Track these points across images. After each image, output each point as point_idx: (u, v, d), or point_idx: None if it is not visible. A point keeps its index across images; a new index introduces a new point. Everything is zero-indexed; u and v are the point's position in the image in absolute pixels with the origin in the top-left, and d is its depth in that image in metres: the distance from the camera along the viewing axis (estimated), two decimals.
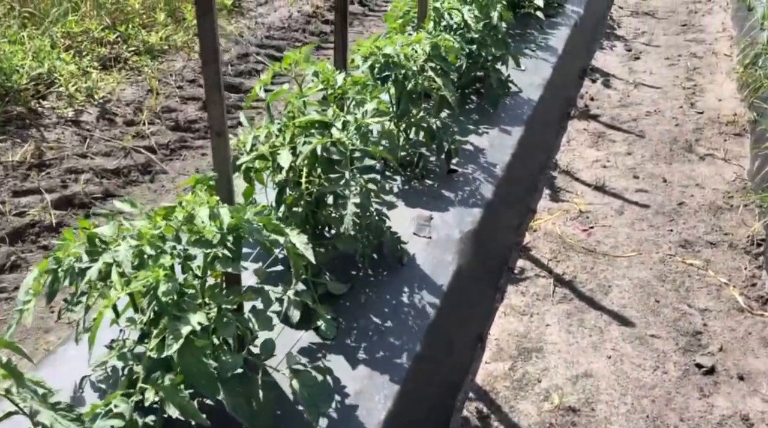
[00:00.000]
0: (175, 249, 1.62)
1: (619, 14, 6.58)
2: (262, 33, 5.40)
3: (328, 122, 2.22)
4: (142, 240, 1.55)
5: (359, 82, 2.31)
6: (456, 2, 3.67)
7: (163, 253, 1.53)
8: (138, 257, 1.56)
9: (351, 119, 2.22)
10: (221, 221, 1.64)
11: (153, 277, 1.48)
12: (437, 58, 3.01)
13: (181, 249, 1.63)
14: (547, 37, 4.93)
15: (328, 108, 2.27)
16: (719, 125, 4.39)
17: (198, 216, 1.62)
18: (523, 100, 4.06)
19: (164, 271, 1.50)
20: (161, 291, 1.45)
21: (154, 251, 1.52)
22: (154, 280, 1.48)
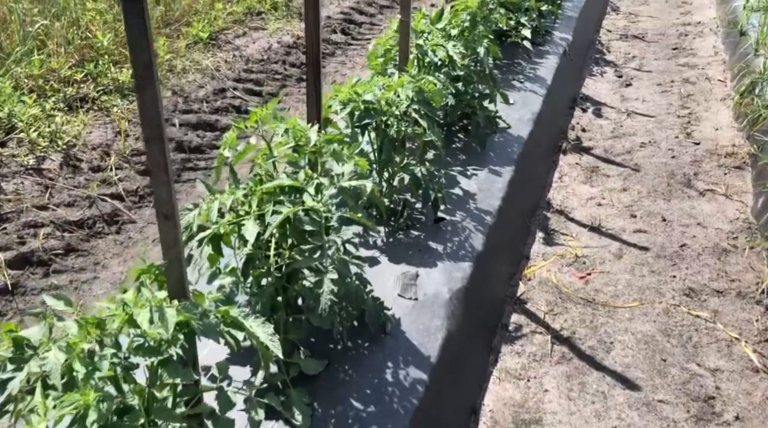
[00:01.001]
0: (115, 357, 1.38)
1: (608, 38, 6.43)
2: (240, 66, 5.19)
3: (300, 186, 1.99)
4: (71, 353, 1.32)
5: (334, 139, 2.10)
6: (440, 38, 3.48)
7: (96, 369, 1.29)
8: (68, 372, 1.32)
9: (326, 182, 2.00)
10: (167, 323, 1.40)
11: (82, 402, 1.25)
12: (421, 104, 2.80)
13: (121, 357, 1.39)
14: (536, 67, 4.75)
15: (300, 170, 2.04)
16: (718, 157, 4.20)
17: (139, 318, 1.38)
18: (512, 137, 3.86)
19: (96, 393, 1.26)
20: (90, 421, 1.21)
21: (84, 368, 1.29)
22: (83, 407, 1.24)
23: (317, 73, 2.30)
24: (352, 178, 2.00)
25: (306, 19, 2.23)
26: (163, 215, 1.57)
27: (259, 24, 5.90)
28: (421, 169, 2.87)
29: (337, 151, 2.07)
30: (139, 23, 1.45)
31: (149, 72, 1.47)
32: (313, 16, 2.20)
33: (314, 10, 2.19)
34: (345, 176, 2.00)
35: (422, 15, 3.55)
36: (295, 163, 2.10)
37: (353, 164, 2.02)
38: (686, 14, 6.96)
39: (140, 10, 1.43)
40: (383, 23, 6.75)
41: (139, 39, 1.45)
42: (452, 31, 3.59)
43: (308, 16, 2.21)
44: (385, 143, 2.76)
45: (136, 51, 1.46)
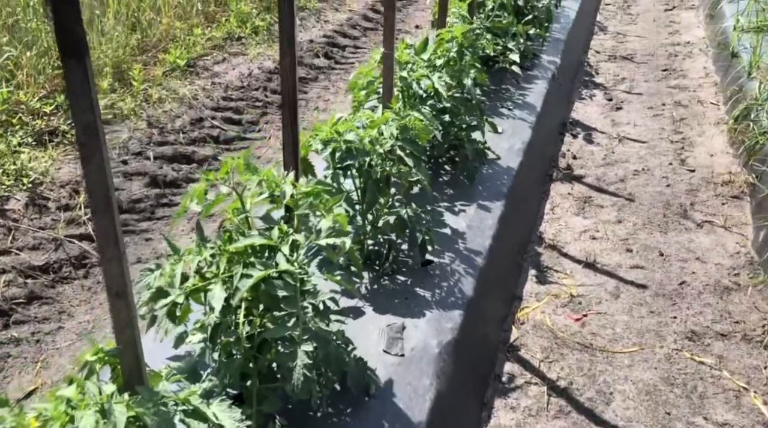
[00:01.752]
0: None
1: (597, 59, 6.32)
2: (218, 94, 5.02)
3: (274, 244, 1.81)
4: None
5: (311, 193, 1.92)
6: (425, 69, 3.32)
7: None
8: None
9: (302, 240, 1.82)
10: (116, 425, 1.21)
11: None
12: (406, 142, 2.64)
13: None
14: (525, 93, 4.61)
15: (274, 225, 1.86)
16: (714, 186, 4.07)
17: (82, 422, 1.19)
18: (502, 168, 3.70)
19: None
20: None
21: None
22: None
23: (294, 116, 2.13)
24: (329, 234, 1.82)
25: (282, 63, 2.06)
26: (114, 294, 1.39)
27: (239, 49, 5.74)
28: (407, 210, 2.70)
29: (314, 205, 1.89)
30: (81, 81, 1.28)
31: (94, 136, 1.29)
32: (289, 61, 2.04)
33: (290, 56, 2.02)
34: (322, 233, 1.83)
35: (405, 45, 3.40)
36: (269, 218, 1.92)
37: (331, 220, 1.84)
38: (674, 34, 6.88)
39: (84, 68, 1.26)
40: (367, 46, 6.61)
41: (81, 99, 1.28)
42: (437, 61, 3.44)
43: (284, 60, 2.04)
44: (369, 185, 2.59)
45: (78, 113, 1.29)
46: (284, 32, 2.01)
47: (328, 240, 1.80)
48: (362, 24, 7.06)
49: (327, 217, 1.84)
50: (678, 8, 7.73)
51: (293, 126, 2.14)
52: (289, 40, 2.01)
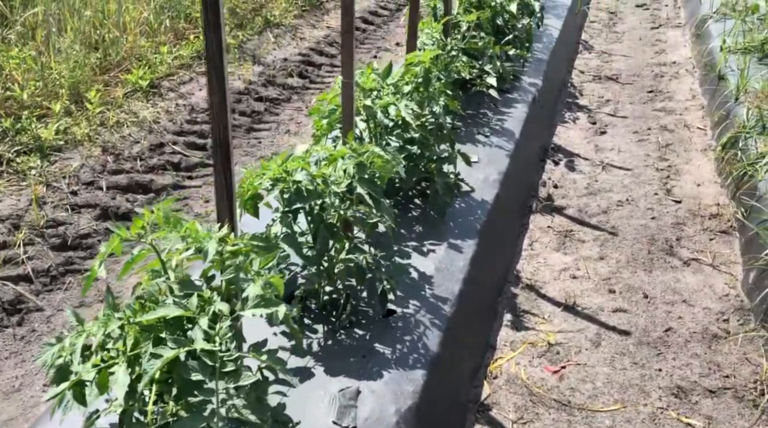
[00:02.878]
0: None
1: (581, 80, 6.12)
2: (183, 117, 4.76)
3: (192, 315, 1.55)
4: None
5: (240, 252, 1.67)
6: (392, 96, 3.08)
7: None
8: None
9: (225, 310, 1.56)
10: None
11: None
12: (364, 182, 2.39)
13: None
14: (503, 118, 4.38)
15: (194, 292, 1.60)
16: (702, 219, 3.84)
17: None
18: (476, 202, 3.46)
19: None
20: None
21: None
22: None
23: (227, 160, 1.88)
24: (258, 304, 1.56)
25: (211, 100, 1.81)
26: None
27: None
28: (366, 257, 2.45)
29: (241, 266, 1.63)
30: None
31: None
32: (219, 99, 1.79)
33: (220, 93, 1.77)
34: (249, 301, 1.57)
35: (371, 70, 3.16)
36: (187, 282, 1.65)
37: (260, 286, 1.58)
38: (661, 53, 6.70)
39: None
40: None
41: None
42: (405, 87, 3.20)
43: (212, 97, 1.80)
44: (321, 230, 2.34)
45: None
46: (212, 66, 1.77)
47: (255, 311, 1.55)
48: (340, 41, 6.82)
49: (256, 281, 1.58)
50: (664, 26, 7.56)
51: (227, 172, 1.89)
52: (218, 76, 1.76)
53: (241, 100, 5.19)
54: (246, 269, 1.64)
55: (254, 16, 6.59)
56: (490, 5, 4.64)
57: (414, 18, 3.43)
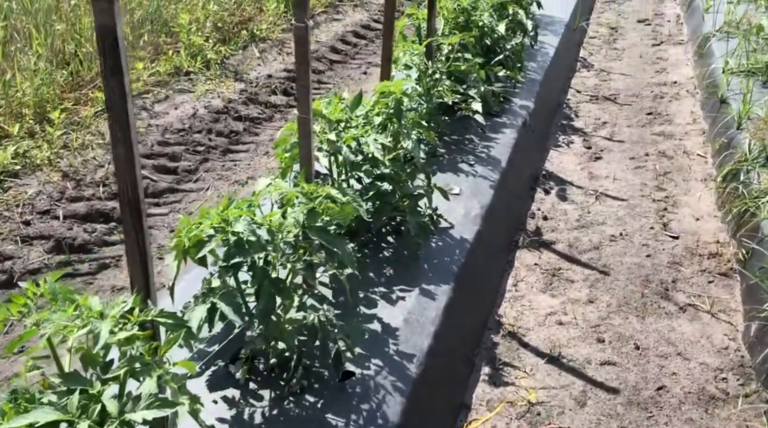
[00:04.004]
0: None
1: (577, 100, 5.86)
2: (154, 138, 4.52)
3: (71, 419, 1.29)
4: None
5: (134, 337, 1.41)
6: (361, 129, 2.83)
7: None
8: None
9: (114, 411, 1.30)
10: None
11: None
12: (316, 231, 2.14)
13: None
14: (490, 145, 4.12)
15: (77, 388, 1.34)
16: (700, 259, 3.57)
17: None
18: (454, 240, 3.20)
19: None
20: None
21: None
22: None
23: (139, 219, 1.63)
24: (152, 404, 1.30)
25: (114, 153, 1.56)
26: None
27: (185, 86, 5.26)
28: (319, 315, 2.19)
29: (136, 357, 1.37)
30: None
31: None
32: (124, 152, 1.54)
33: (125, 145, 1.52)
34: (141, 401, 1.31)
35: (338, 99, 2.91)
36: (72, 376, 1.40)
37: (155, 382, 1.32)
38: (661, 72, 6.44)
39: None
40: (332, 81, 6.14)
41: None
42: (376, 118, 2.95)
43: (116, 149, 1.54)
44: (265, 286, 2.08)
45: None
46: (115, 115, 1.51)
47: (146, 413, 1.28)
48: (329, 56, 6.60)
49: (152, 376, 1.32)
50: (666, 43, 7.30)
51: (139, 233, 1.63)
52: (122, 125, 1.51)
53: (218, 120, 4.95)
54: (146, 355, 1.38)
55: (240, 30, 6.36)
56: (477, 25, 4.39)
57: (388, 42, 3.18)
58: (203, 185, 4.27)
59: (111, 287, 3.28)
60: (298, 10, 2.27)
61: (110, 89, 1.49)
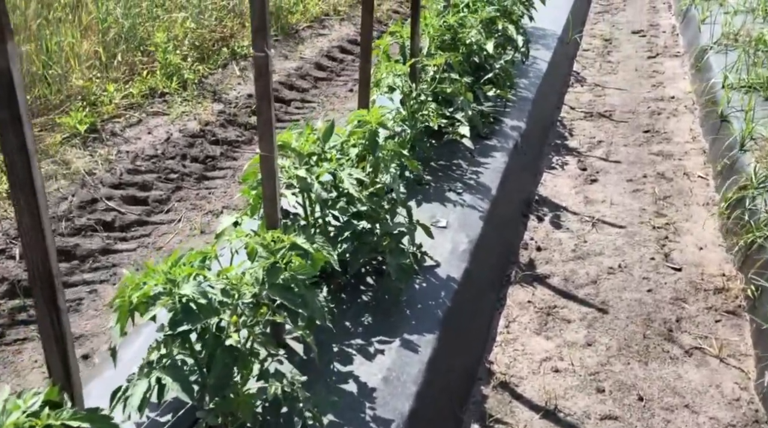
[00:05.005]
0: None
1: (571, 117, 5.63)
2: (123, 166, 4.26)
3: None
4: None
5: None
6: (334, 163, 2.58)
7: None
8: None
9: None
10: None
11: None
12: (277, 290, 1.88)
13: None
14: (479, 171, 3.88)
15: None
16: (705, 294, 3.33)
17: None
18: (440, 280, 2.94)
19: None
20: None
21: None
22: None
23: (51, 302, 1.37)
24: None
25: (18, 221, 1.31)
26: None
27: (160, 108, 5.00)
28: (281, 386, 1.93)
29: None
30: None
31: None
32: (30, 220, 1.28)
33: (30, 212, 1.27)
34: None
35: (310, 129, 2.66)
36: None
37: None
38: (658, 86, 6.21)
39: None
40: (317, 99, 5.90)
41: None
42: (352, 150, 2.71)
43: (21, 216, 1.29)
44: (219, 357, 1.82)
45: None
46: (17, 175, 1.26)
47: None
48: (313, 74, 6.36)
49: None
50: (662, 55, 7.09)
51: (55, 315, 1.38)
52: (25, 187, 1.26)
53: (194, 144, 4.70)
54: None
55: (220, 47, 6.12)
56: (465, 43, 4.16)
57: (365, 65, 2.94)
58: (175, 217, 4.01)
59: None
60: (257, 37, 2.02)
61: (8, 146, 1.24)
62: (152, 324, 2.40)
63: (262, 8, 1.97)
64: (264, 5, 1.97)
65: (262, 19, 1.99)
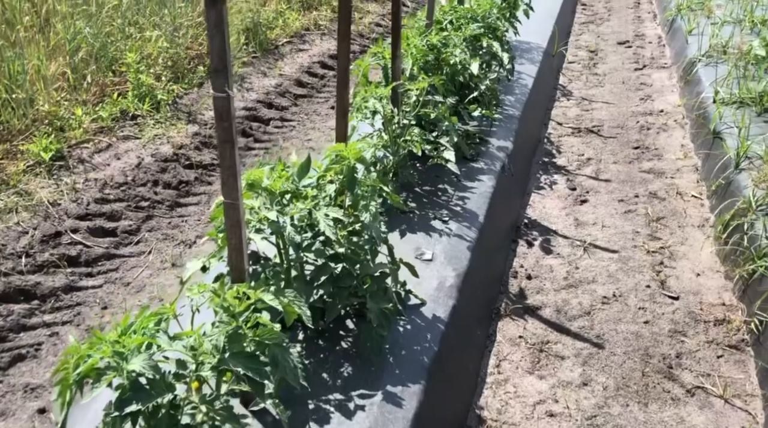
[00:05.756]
0: None
1: (559, 133, 5.47)
2: (91, 195, 4.03)
3: None
4: None
5: None
6: (309, 202, 2.39)
7: None
8: None
9: None
10: None
11: None
12: (239, 359, 1.68)
13: None
14: (466, 196, 3.70)
15: None
16: (705, 326, 3.16)
17: None
18: (426, 321, 2.75)
19: None
20: None
21: None
22: None
23: None
24: None
25: None
26: None
27: (131, 131, 4.78)
28: None
29: None
30: None
31: None
32: None
33: None
34: None
35: (283, 166, 2.47)
36: None
37: None
38: (646, 100, 6.08)
39: None
40: (297, 118, 5.71)
41: None
42: (329, 186, 2.51)
43: None
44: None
45: None
46: None
47: None
48: (294, 91, 6.17)
49: None
50: (649, 67, 6.96)
51: None
52: None
53: (166, 169, 4.48)
54: None
55: (196, 65, 5.91)
56: (449, 63, 3.98)
57: (343, 93, 2.75)
58: (145, 248, 3.79)
59: (24, 387, 2.80)
60: (217, 77, 1.83)
61: None
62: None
63: (221, 47, 1.78)
64: (224, 44, 1.78)
65: (222, 58, 1.80)
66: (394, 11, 3.48)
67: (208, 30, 1.79)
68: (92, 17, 5.44)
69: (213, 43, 1.80)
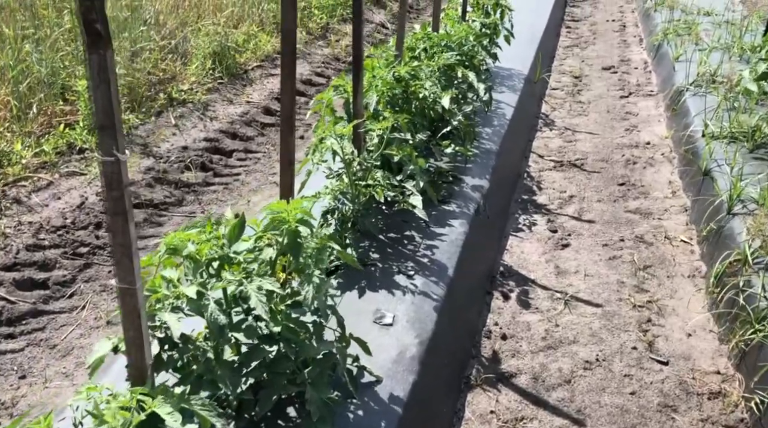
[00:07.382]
0: None
1: (540, 167, 5.16)
2: (22, 241, 3.65)
3: None
4: None
5: None
6: (240, 272, 2.03)
7: None
8: None
9: None
10: None
11: None
12: None
13: None
14: (434, 245, 3.35)
15: None
16: (699, 400, 2.82)
17: None
18: (381, 402, 2.39)
19: None
20: None
21: None
22: None
23: None
24: None
25: None
26: None
27: (77, 167, 4.41)
28: None
29: None
30: None
31: None
32: None
33: None
34: None
35: (211, 226, 2.11)
36: None
37: None
38: (632, 131, 5.79)
39: None
40: (263, 149, 5.37)
41: None
42: (266, 250, 2.16)
43: None
44: None
45: None
46: None
47: None
48: (261, 119, 5.83)
49: None
50: (635, 95, 6.69)
51: None
52: None
53: None
54: None
55: (156, 92, 5.56)
56: (418, 97, 3.66)
57: (289, 143, 2.40)
58: (79, 302, 3.41)
59: None
60: (103, 135, 1.48)
61: None
62: None
63: (107, 99, 1.43)
64: (110, 96, 1.43)
65: (109, 113, 1.45)
66: (355, 40, 3.16)
67: (91, 79, 1.45)
68: (41, 41, 5.08)
69: (96, 94, 1.45)
